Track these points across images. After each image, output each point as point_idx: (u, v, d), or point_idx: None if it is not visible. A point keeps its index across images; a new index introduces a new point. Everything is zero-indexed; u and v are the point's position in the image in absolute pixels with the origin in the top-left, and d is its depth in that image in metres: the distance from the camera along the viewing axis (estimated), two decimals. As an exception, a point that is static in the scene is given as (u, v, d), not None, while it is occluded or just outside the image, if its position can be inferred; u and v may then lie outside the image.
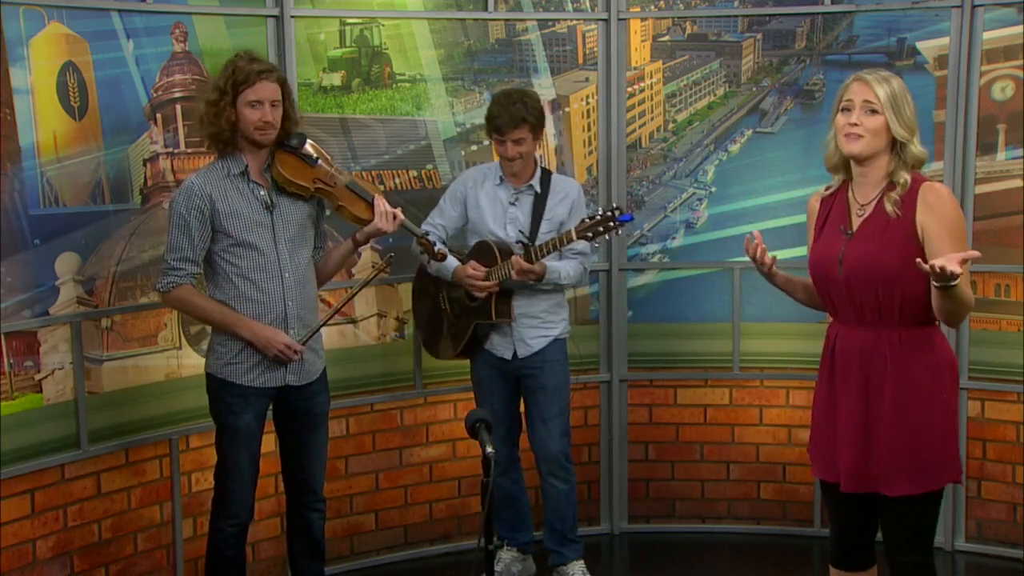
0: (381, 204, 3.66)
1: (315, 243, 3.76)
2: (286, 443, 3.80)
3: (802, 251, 4.81)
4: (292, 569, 3.93)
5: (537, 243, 4.08)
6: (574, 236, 3.96)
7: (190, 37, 4.10)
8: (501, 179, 4.22)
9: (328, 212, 3.81)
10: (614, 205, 3.95)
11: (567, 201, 4.20)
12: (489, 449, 2.84)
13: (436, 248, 3.88)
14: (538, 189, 4.20)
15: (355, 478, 4.64)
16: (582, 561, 4.34)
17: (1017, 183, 4.53)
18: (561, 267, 4.13)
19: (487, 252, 4.14)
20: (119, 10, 3.94)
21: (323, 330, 4.45)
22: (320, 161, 3.65)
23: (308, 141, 3.66)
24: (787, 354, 4.90)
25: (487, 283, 4.08)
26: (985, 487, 4.72)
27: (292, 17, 4.31)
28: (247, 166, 3.58)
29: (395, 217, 3.67)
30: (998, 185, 4.58)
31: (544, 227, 4.16)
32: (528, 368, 4.23)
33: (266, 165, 3.62)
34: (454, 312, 4.28)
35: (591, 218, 3.95)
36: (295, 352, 3.59)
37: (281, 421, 3.79)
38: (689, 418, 4.98)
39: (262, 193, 3.59)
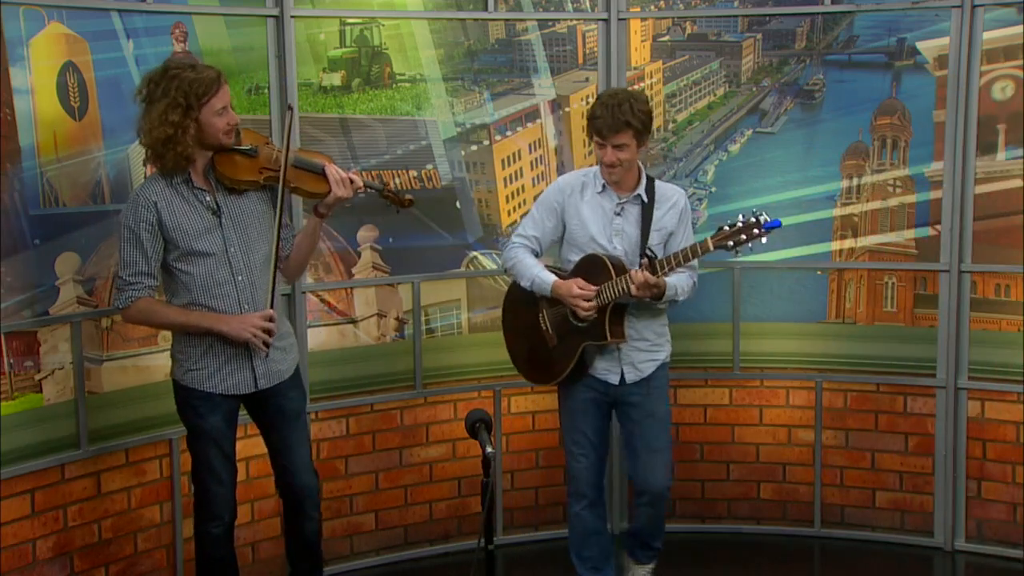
0: (334, 172, 3.58)
1: (281, 234, 3.64)
2: (268, 444, 3.78)
3: (800, 251, 4.84)
4: (288, 563, 3.93)
5: (661, 256, 3.78)
6: (711, 246, 3.61)
7: (190, 37, 4.10)
8: (604, 187, 3.86)
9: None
10: (758, 211, 3.61)
11: (675, 210, 3.87)
12: (489, 449, 2.84)
13: (405, 197, 3.73)
14: (645, 198, 3.84)
15: (355, 478, 4.64)
16: (652, 565, 4.18)
17: (1017, 183, 4.53)
18: (678, 283, 3.82)
19: (599, 267, 3.77)
20: (119, 10, 3.94)
21: (322, 331, 4.48)
22: (259, 148, 3.57)
23: (238, 129, 3.57)
24: (787, 354, 4.90)
25: (594, 303, 3.76)
26: (985, 487, 4.72)
27: (292, 17, 4.31)
28: (189, 173, 3.52)
29: (351, 181, 3.59)
30: (998, 185, 4.58)
31: (654, 238, 3.83)
32: (633, 395, 3.90)
33: (207, 168, 3.55)
34: (558, 333, 3.91)
35: (731, 225, 3.59)
36: (268, 334, 3.52)
37: (259, 422, 3.78)
38: (689, 418, 4.98)
39: (207, 199, 3.53)
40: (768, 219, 3.59)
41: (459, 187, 4.72)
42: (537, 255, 3.96)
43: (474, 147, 4.74)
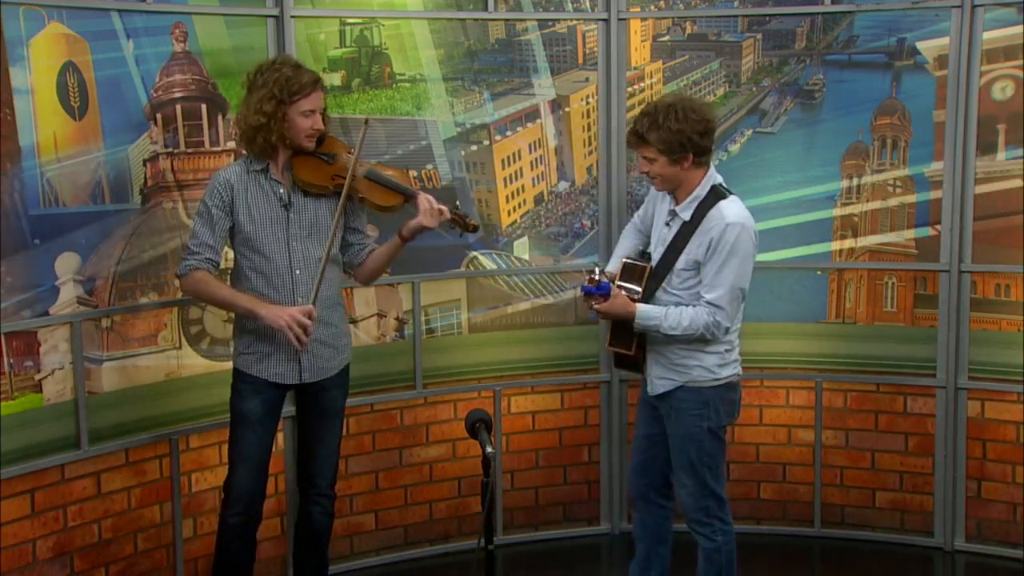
0: (425, 202, 3.65)
1: (350, 239, 3.77)
2: (300, 434, 3.88)
3: (800, 251, 4.84)
4: (294, 560, 3.97)
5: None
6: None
7: (190, 37, 4.10)
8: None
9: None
10: (597, 270, 3.63)
11: (705, 239, 3.59)
12: (489, 449, 2.85)
13: (471, 222, 3.78)
14: (686, 218, 3.63)
15: (355, 478, 4.64)
16: None
17: (1017, 183, 4.53)
18: (664, 313, 3.59)
19: (628, 271, 3.75)
20: (119, 10, 3.94)
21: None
22: (337, 156, 3.69)
23: (322, 137, 3.70)
24: (787, 354, 4.90)
25: (597, 307, 3.66)
26: (985, 487, 4.72)
27: (292, 17, 4.31)
28: (268, 163, 3.64)
29: (441, 212, 3.66)
30: (998, 185, 4.58)
31: (680, 262, 3.63)
32: (661, 408, 3.76)
33: (286, 165, 3.67)
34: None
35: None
36: (303, 329, 3.54)
37: (298, 413, 3.88)
38: (689, 418, 4.98)
39: (281, 191, 3.65)
40: (588, 284, 3.54)
41: (459, 187, 4.72)
42: (645, 247, 3.90)
43: (474, 147, 4.74)
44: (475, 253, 4.78)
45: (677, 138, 3.52)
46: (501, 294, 4.81)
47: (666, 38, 4.89)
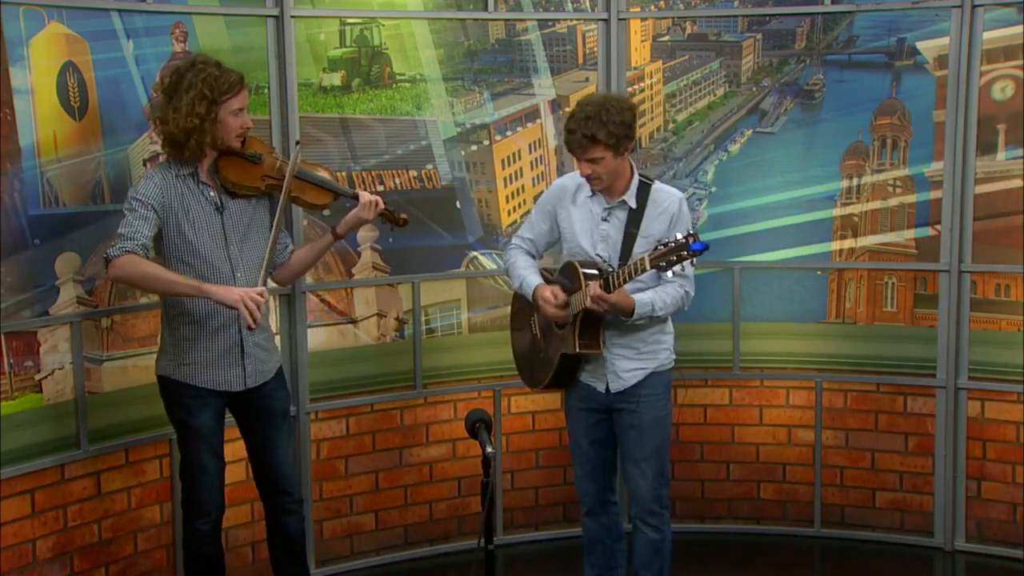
0: (365, 195, 3.68)
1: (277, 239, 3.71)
2: (250, 444, 3.80)
3: (800, 251, 4.84)
4: (274, 571, 3.94)
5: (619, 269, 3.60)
6: (647, 265, 3.41)
7: (190, 37, 4.10)
8: (594, 191, 3.74)
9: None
10: (690, 231, 3.39)
11: (665, 216, 3.67)
12: (489, 449, 2.85)
13: (400, 216, 3.81)
14: (633, 204, 3.68)
15: (355, 478, 4.64)
16: None
17: (1017, 183, 4.53)
18: (654, 298, 3.62)
19: (573, 275, 3.67)
20: (119, 10, 3.94)
21: (322, 331, 4.48)
22: (264, 157, 3.64)
23: (245, 136, 3.63)
24: (787, 354, 4.90)
25: (558, 310, 3.65)
26: (985, 487, 4.72)
27: (292, 17, 4.31)
28: (196, 167, 3.57)
29: (376, 204, 3.68)
30: (998, 185, 4.58)
31: (640, 246, 3.63)
32: (622, 404, 3.74)
33: (212, 167, 3.60)
34: (544, 340, 3.83)
35: (664, 244, 3.39)
36: (256, 305, 3.40)
37: (242, 422, 3.78)
38: (689, 418, 4.98)
39: (211, 194, 3.59)
40: (693, 241, 3.35)
41: (459, 187, 4.72)
42: (534, 257, 3.92)
43: (474, 147, 4.74)
44: (475, 253, 4.78)
45: (622, 129, 3.58)
46: (501, 294, 4.81)
47: (666, 38, 4.89)
